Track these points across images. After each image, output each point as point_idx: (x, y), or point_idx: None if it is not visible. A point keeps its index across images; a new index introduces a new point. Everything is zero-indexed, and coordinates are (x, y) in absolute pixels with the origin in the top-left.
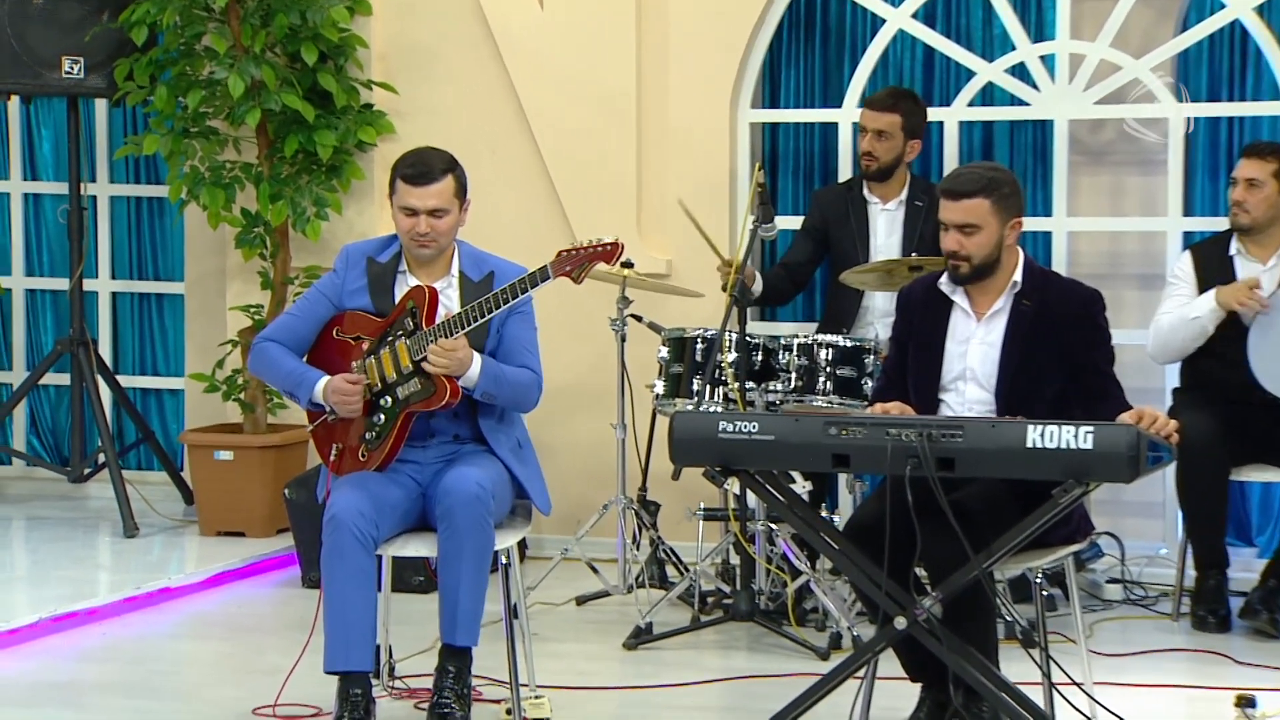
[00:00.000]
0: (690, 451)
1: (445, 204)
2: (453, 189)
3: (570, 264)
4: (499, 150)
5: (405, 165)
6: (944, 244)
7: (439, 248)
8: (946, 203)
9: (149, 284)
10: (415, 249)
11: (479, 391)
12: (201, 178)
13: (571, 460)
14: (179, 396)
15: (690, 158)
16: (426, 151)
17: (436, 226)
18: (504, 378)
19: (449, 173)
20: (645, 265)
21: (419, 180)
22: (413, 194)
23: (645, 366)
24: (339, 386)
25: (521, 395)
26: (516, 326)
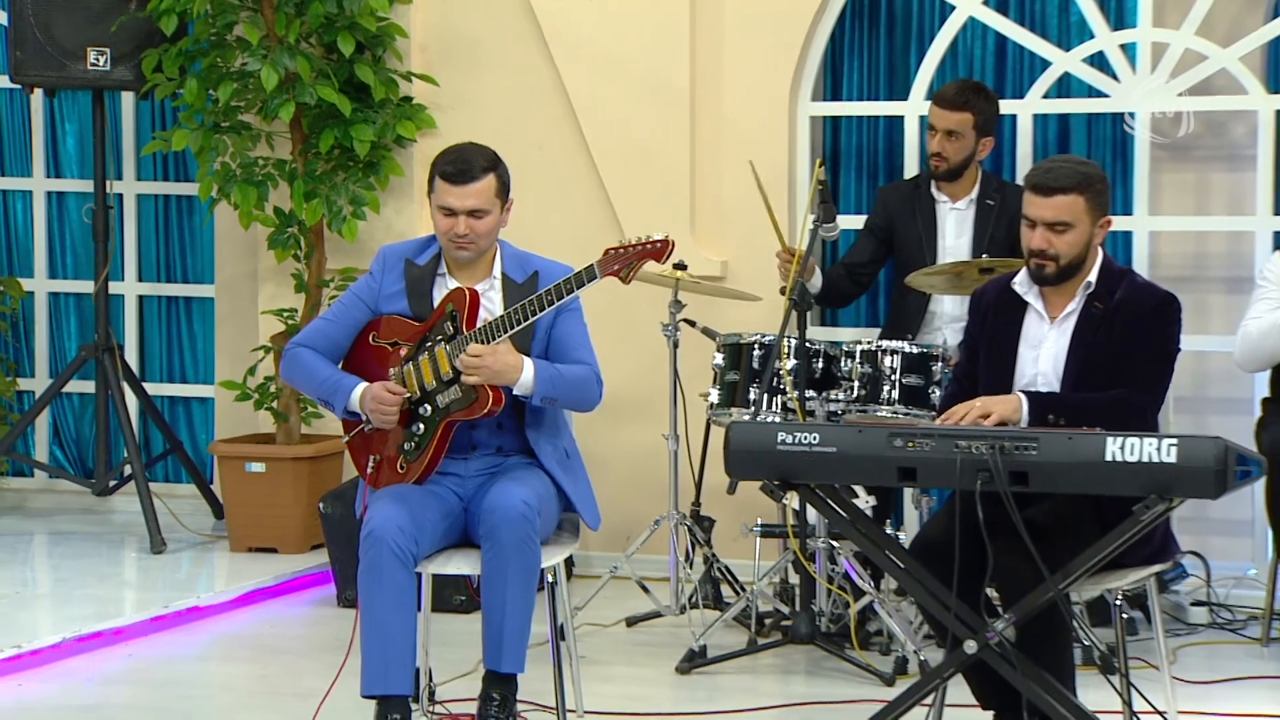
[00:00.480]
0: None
1: (485, 204)
2: (494, 188)
3: (618, 262)
4: (545, 146)
5: (444, 162)
6: (1030, 242)
7: (478, 250)
8: (1036, 198)
9: (177, 287)
10: (454, 251)
11: (539, 396)
12: (233, 175)
13: (621, 473)
14: (208, 405)
15: (747, 154)
16: (467, 148)
17: (476, 228)
18: (562, 378)
19: (490, 171)
20: (699, 267)
21: (458, 179)
22: (451, 193)
23: (699, 374)
24: (376, 395)
25: (582, 392)
26: (567, 324)
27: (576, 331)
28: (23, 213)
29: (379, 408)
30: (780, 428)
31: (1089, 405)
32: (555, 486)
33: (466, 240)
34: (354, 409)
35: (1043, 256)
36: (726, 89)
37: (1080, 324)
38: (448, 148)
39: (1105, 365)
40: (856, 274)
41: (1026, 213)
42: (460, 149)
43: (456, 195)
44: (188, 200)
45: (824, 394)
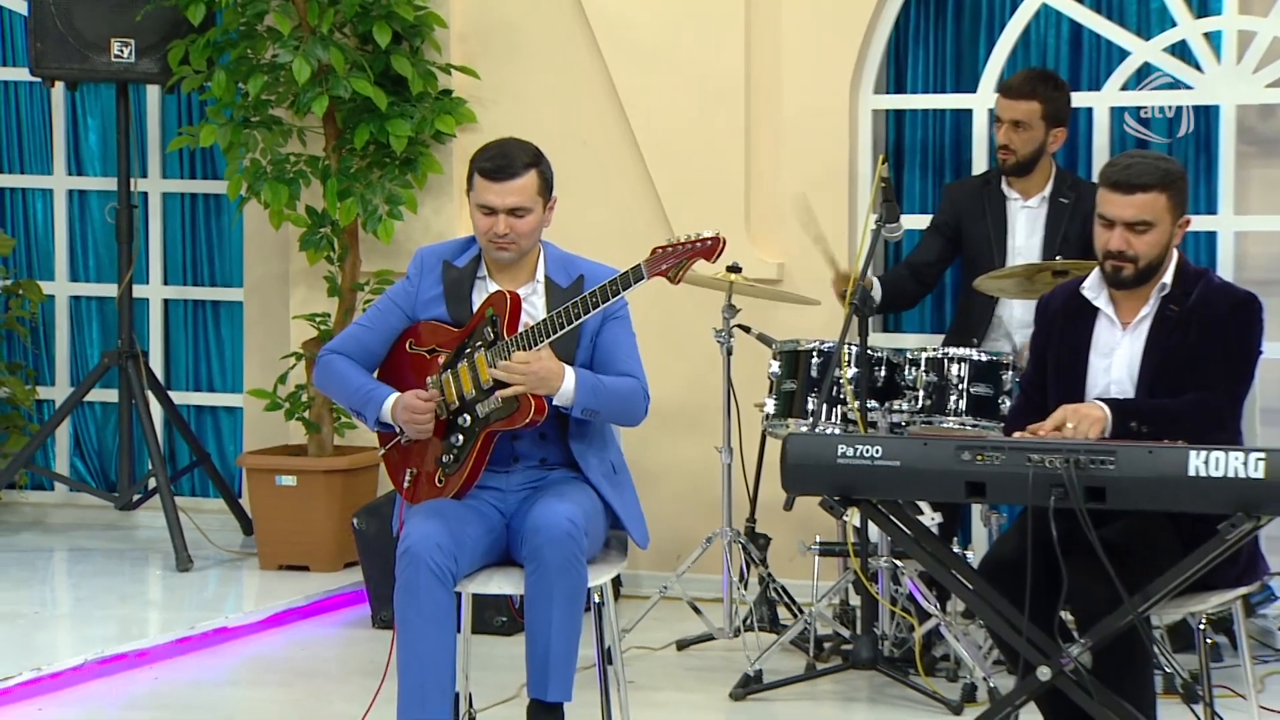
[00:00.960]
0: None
1: (527, 202)
2: (536, 185)
3: (667, 261)
4: (591, 142)
5: (484, 158)
6: (1107, 243)
7: (519, 251)
8: (1114, 196)
9: (204, 290)
10: (494, 252)
11: (579, 408)
12: (263, 172)
13: (671, 488)
14: (237, 415)
15: (805, 150)
16: (508, 143)
17: (516, 227)
18: (605, 389)
19: (532, 167)
20: (754, 269)
21: (498, 175)
22: (491, 190)
23: (754, 383)
24: (409, 404)
25: (627, 406)
26: (614, 331)
27: (624, 341)
28: (43, 212)
29: (411, 417)
30: (840, 440)
31: (1164, 410)
32: (602, 502)
33: (507, 240)
34: (386, 420)
35: (1120, 258)
36: (784, 81)
37: (1155, 329)
38: (488, 143)
39: (1181, 371)
40: (921, 273)
41: (1103, 211)
42: (501, 144)
43: (496, 193)
44: (215, 199)
45: (887, 404)
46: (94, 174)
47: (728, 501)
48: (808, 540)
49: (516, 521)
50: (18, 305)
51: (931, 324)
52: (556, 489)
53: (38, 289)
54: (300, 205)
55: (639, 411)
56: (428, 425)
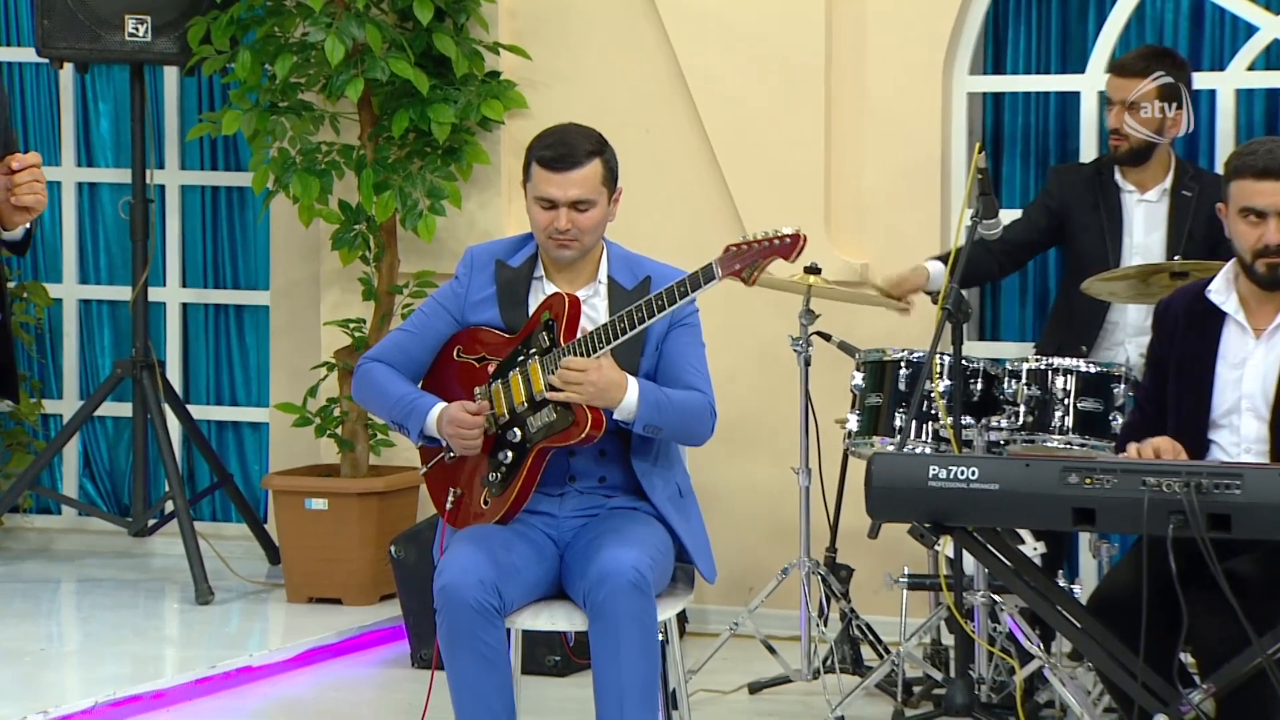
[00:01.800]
0: (892, 503)
1: (591, 194)
2: (600, 175)
3: (740, 261)
4: (655, 129)
5: (542, 146)
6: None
7: (582, 248)
8: (1263, 185)
9: (227, 293)
10: (554, 250)
11: (640, 424)
12: (291, 163)
13: (742, 513)
14: (262, 431)
15: (892, 138)
16: (568, 129)
17: (579, 222)
18: (669, 404)
19: (596, 155)
20: (835, 270)
21: (559, 164)
22: (551, 182)
23: (835, 397)
24: (454, 416)
25: (692, 424)
26: (681, 339)
27: (691, 351)
28: (49, 207)
29: (458, 431)
30: (932, 461)
31: None
32: (667, 530)
33: (568, 237)
34: (431, 433)
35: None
36: (869, 61)
37: None
38: (546, 130)
39: None
40: (1011, 251)
41: (1250, 204)
42: (560, 130)
43: (557, 184)
44: (239, 193)
45: (984, 420)
46: (106, 165)
47: (805, 529)
48: (895, 572)
49: (573, 556)
50: (22, 310)
51: (1034, 331)
52: (619, 527)
53: (44, 292)
54: (332, 200)
55: (704, 431)
56: (476, 440)
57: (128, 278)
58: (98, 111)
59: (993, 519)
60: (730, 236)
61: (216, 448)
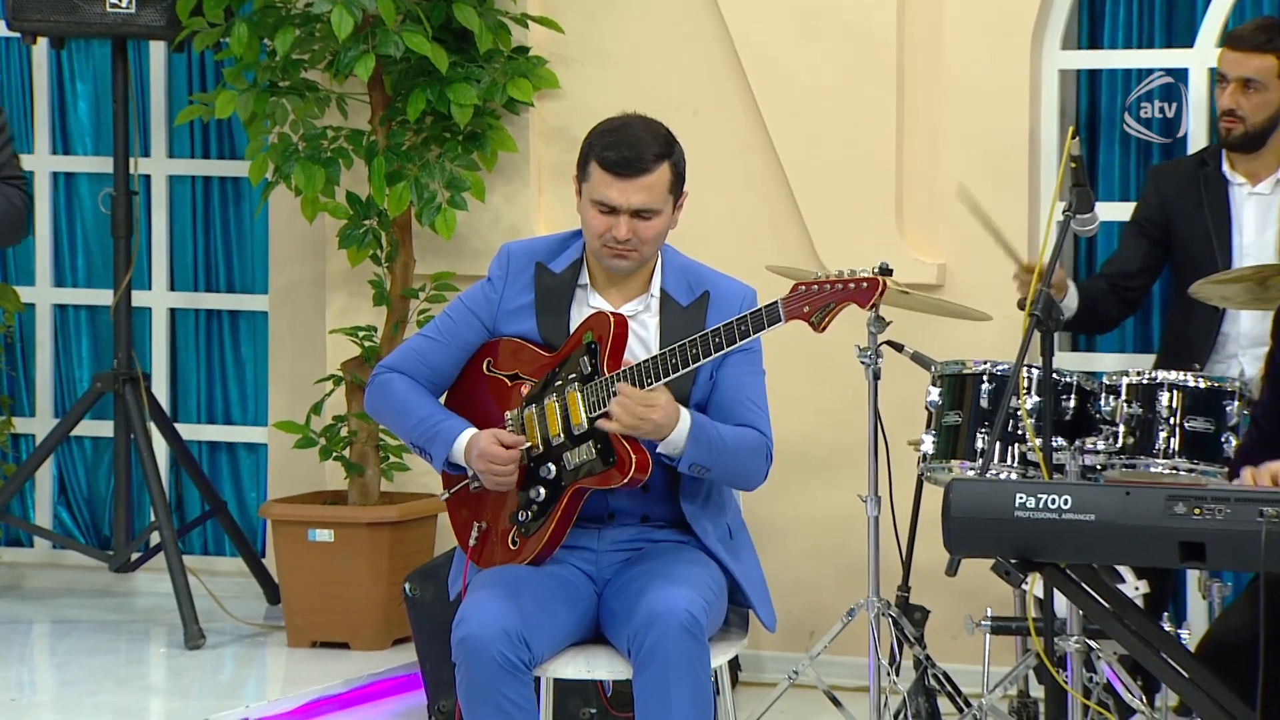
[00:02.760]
0: (973, 536)
1: (656, 202)
2: (667, 181)
3: (809, 303)
4: (704, 112)
5: (606, 145)
6: None
7: (639, 260)
8: None
9: (220, 298)
10: (608, 258)
11: (687, 463)
12: (293, 150)
13: (803, 547)
14: (259, 453)
15: (973, 122)
16: (636, 126)
17: (641, 231)
18: (722, 444)
19: (665, 159)
20: (908, 272)
21: (625, 169)
22: (614, 187)
23: (908, 415)
24: (487, 450)
25: (745, 467)
26: (739, 369)
27: (749, 382)
28: None
29: (490, 467)
30: (1019, 488)
31: None
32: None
33: (627, 247)
34: (458, 462)
35: None
36: (947, 35)
37: None
38: (608, 122)
39: None
40: (1123, 289)
41: None
42: (627, 128)
43: (620, 190)
44: (234, 184)
45: (1077, 442)
46: (84, 153)
47: (874, 565)
48: (976, 614)
49: (614, 595)
50: None
51: (1134, 341)
52: (667, 564)
53: (14, 296)
54: (339, 192)
55: (757, 476)
56: (510, 477)
57: (109, 280)
58: (75, 92)
59: (1088, 554)
60: (788, 229)
61: (208, 472)
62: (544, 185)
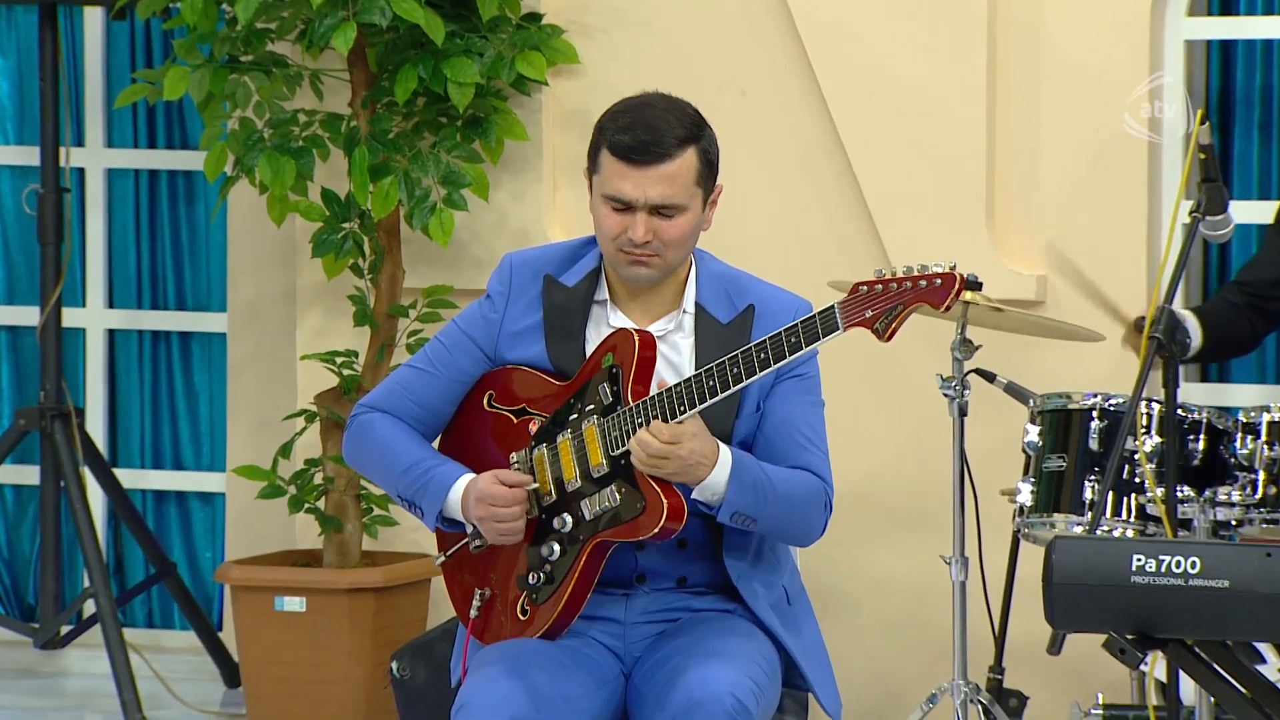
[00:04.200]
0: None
1: (680, 196)
2: (694, 170)
3: (873, 306)
4: (753, 93)
5: (618, 127)
6: None
7: (664, 267)
8: None
9: (169, 316)
10: (625, 266)
11: (728, 511)
12: (258, 139)
13: (873, 619)
14: (216, 505)
15: (1081, 106)
16: (654, 105)
17: (663, 232)
18: (770, 488)
19: (690, 143)
20: (1000, 285)
21: (640, 155)
22: (628, 177)
23: (1000, 459)
24: (488, 492)
25: (799, 517)
26: (791, 400)
27: (803, 414)
28: None
29: (492, 511)
30: (1136, 548)
31: None
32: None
33: (647, 251)
34: (455, 515)
35: None
36: (1047, 5)
37: None
38: (622, 104)
39: None
40: (1261, 301)
41: None
42: (645, 108)
43: (635, 181)
44: (186, 179)
45: (1208, 492)
46: (5, 142)
47: (960, 641)
48: (1085, 701)
49: (645, 677)
50: None
51: (1277, 371)
52: (709, 638)
53: None
54: (313, 189)
55: (813, 528)
56: (516, 525)
57: (34, 296)
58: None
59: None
60: (857, 236)
61: (154, 527)
62: (560, 181)
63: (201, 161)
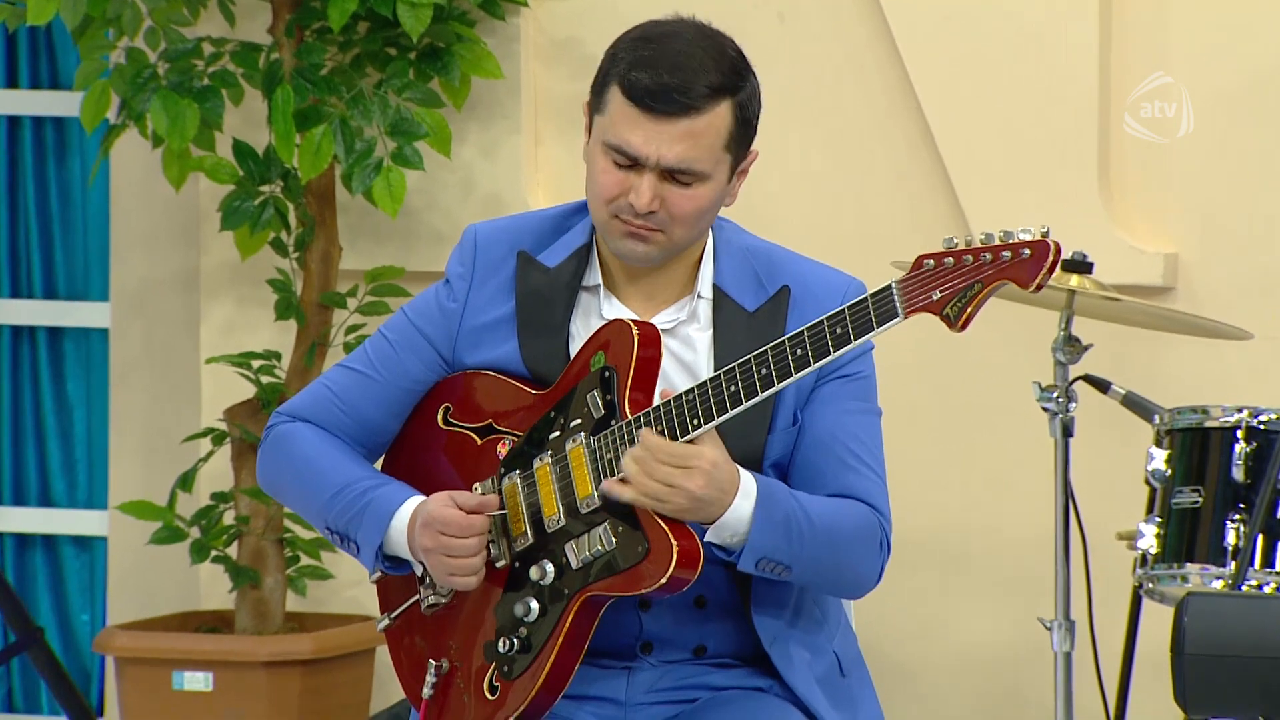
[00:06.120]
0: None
1: (703, 160)
2: (726, 129)
3: (940, 286)
4: (792, 16)
5: (638, 60)
6: None
7: (667, 246)
8: None
9: (34, 307)
10: (618, 239)
11: (753, 558)
12: (150, 76)
13: (948, 694)
14: (95, 552)
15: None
16: (689, 37)
17: (675, 204)
18: (808, 524)
19: (725, 95)
20: (1117, 267)
21: (661, 101)
22: (639, 127)
23: (1116, 491)
24: (437, 516)
25: (848, 561)
26: (837, 404)
27: (852, 425)
28: None
29: (441, 542)
30: None
31: None
32: None
33: (649, 224)
34: (399, 552)
35: None
36: None
37: None
38: (646, 28)
39: None
40: None
41: None
42: (673, 38)
43: (648, 133)
44: (57, 128)
45: None
46: None
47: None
48: None
49: None
50: None
51: None
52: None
53: None
54: (222, 141)
55: (866, 574)
56: (471, 563)
57: None
58: None
59: None
60: (929, 214)
61: (15, 581)
62: (544, 131)
63: (77, 105)
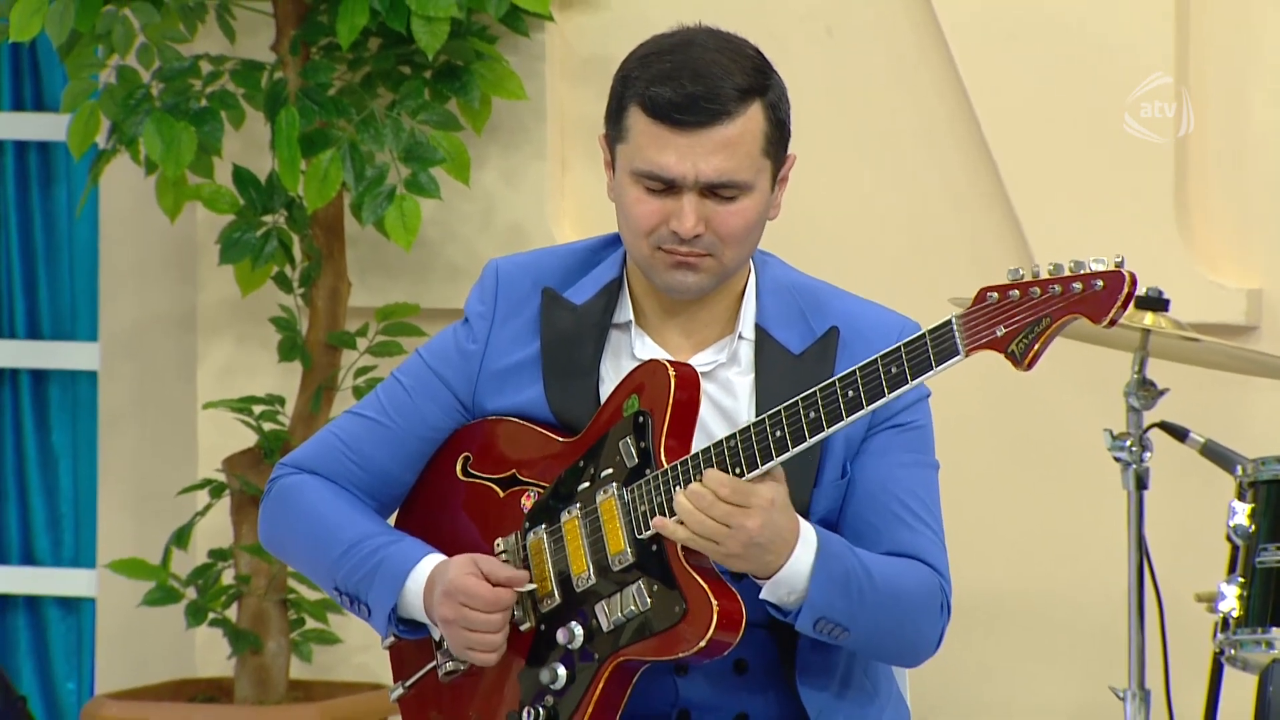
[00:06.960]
0: None
1: (745, 170)
2: (762, 133)
3: (1005, 321)
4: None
5: (654, 74)
6: None
7: (719, 272)
8: None
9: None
10: (664, 272)
11: (810, 617)
12: (143, 98)
13: None
14: (83, 614)
15: None
16: (704, 43)
17: (721, 223)
18: (870, 582)
19: (755, 96)
20: (1196, 304)
21: (688, 113)
22: (670, 146)
23: (1195, 549)
24: (460, 586)
25: (908, 625)
26: (891, 455)
27: (909, 479)
28: None
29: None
30: None
31: None
32: None
33: (697, 250)
34: (414, 615)
35: None
36: None
37: None
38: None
39: None
40: None
41: None
42: (686, 46)
43: (681, 150)
44: (42, 154)
45: None
46: None
47: None
48: None
49: None
50: None
51: None
52: None
53: None
54: (221, 168)
55: (926, 640)
56: (493, 639)
57: None
58: None
59: None
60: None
61: None
62: (571, 157)
63: (63, 129)
